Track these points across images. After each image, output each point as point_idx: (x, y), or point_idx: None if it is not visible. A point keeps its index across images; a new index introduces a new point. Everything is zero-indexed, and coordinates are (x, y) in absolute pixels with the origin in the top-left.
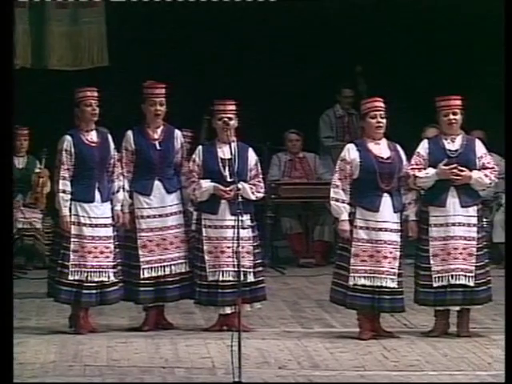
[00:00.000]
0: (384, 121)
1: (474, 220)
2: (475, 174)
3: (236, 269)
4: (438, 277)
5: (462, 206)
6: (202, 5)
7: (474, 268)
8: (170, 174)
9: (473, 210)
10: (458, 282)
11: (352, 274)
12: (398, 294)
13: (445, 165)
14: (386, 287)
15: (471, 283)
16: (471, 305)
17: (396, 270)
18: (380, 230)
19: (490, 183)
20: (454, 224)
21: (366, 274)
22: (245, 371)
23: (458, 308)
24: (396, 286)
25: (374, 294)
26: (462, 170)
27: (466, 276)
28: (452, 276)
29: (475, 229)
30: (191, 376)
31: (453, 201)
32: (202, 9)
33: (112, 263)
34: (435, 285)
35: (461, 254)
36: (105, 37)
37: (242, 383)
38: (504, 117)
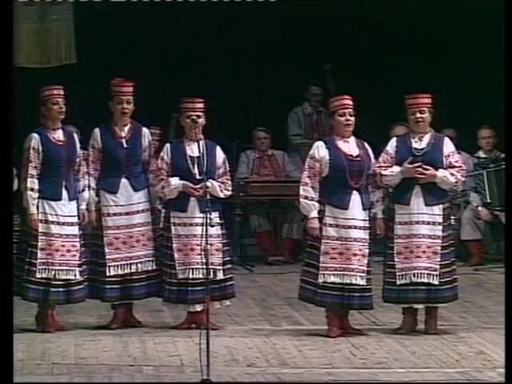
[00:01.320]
0: (353, 119)
1: (440, 218)
2: (440, 172)
3: (205, 266)
4: (402, 274)
5: (427, 205)
6: (170, 4)
7: (438, 266)
8: (137, 172)
9: (438, 209)
10: (420, 280)
11: (321, 272)
12: (367, 292)
13: (410, 163)
14: (355, 285)
15: (435, 281)
16: (436, 303)
17: (365, 268)
18: (349, 227)
19: (456, 182)
20: (417, 222)
21: (335, 272)
22: (213, 369)
23: (421, 306)
24: (365, 284)
25: (343, 291)
26: (426, 169)
27: (430, 274)
28: (414, 274)
29: (440, 227)
30: (159, 374)
31: (417, 199)
32: (170, 8)
33: (78, 262)
34: (398, 282)
35: (424, 252)
36: (72, 34)
37: (211, 381)
38: (504, 116)
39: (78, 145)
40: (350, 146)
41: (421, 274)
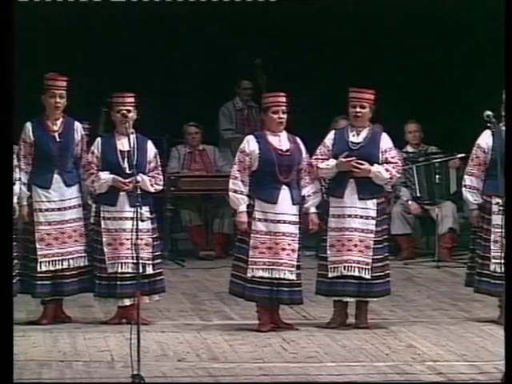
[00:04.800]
0: (285, 116)
1: (373, 213)
2: (374, 167)
3: (135, 261)
4: (333, 267)
5: (360, 199)
6: (102, 2)
7: (370, 261)
8: (69, 167)
9: (372, 203)
10: (350, 274)
11: (250, 266)
12: (297, 286)
13: (345, 157)
14: (284, 279)
15: (367, 276)
16: (367, 297)
17: (295, 262)
18: (278, 222)
19: (391, 178)
20: (350, 216)
21: (264, 266)
22: (144, 364)
23: (352, 299)
24: (294, 278)
25: (272, 285)
26: (361, 163)
27: (362, 268)
28: (345, 267)
29: (373, 222)
30: (90, 370)
31: (351, 193)
32: (102, 5)
33: None
34: (330, 275)
35: (356, 245)
36: None
37: (141, 376)
38: (504, 116)
39: None
40: (280, 141)
41: (351, 267)
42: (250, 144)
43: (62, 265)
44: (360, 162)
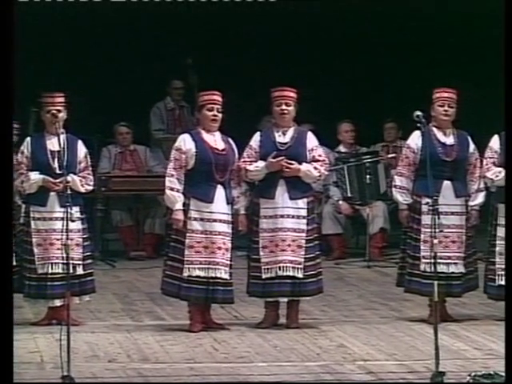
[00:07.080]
0: (220, 115)
1: (304, 212)
2: (304, 166)
3: (65, 261)
4: (267, 268)
5: (291, 199)
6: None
7: (303, 260)
8: None
9: (302, 203)
10: (285, 274)
11: (187, 266)
12: (229, 286)
13: (274, 157)
14: (219, 278)
15: (300, 275)
16: (300, 296)
17: (228, 262)
18: (214, 221)
19: (320, 176)
20: (282, 216)
21: (200, 266)
22: (74, 365)
23: (286, 299)
24: (228, 278)
25: (208, 285)
26: (290, 163)
27: (295, 268)
28: (280, 268)
29: (305, 221)
30: (19, 371)
31: (282, 193)
32: (31, 3)
33: None
34: (264, 276)
35: (289, 245)
36: None
37: (71, 377)
38: (504, 117)
39: None
40: (216, 140)
41: (286, 267)
42: (187, 142)
43: None
44: (289, 161)
